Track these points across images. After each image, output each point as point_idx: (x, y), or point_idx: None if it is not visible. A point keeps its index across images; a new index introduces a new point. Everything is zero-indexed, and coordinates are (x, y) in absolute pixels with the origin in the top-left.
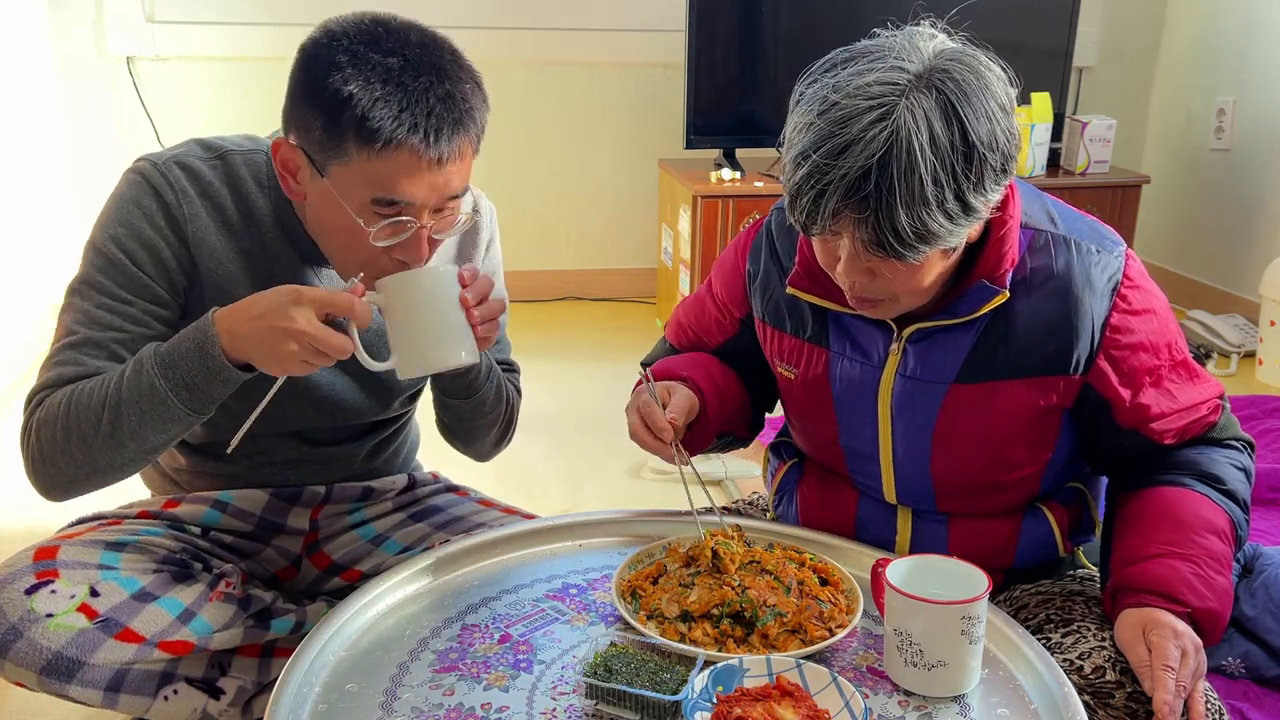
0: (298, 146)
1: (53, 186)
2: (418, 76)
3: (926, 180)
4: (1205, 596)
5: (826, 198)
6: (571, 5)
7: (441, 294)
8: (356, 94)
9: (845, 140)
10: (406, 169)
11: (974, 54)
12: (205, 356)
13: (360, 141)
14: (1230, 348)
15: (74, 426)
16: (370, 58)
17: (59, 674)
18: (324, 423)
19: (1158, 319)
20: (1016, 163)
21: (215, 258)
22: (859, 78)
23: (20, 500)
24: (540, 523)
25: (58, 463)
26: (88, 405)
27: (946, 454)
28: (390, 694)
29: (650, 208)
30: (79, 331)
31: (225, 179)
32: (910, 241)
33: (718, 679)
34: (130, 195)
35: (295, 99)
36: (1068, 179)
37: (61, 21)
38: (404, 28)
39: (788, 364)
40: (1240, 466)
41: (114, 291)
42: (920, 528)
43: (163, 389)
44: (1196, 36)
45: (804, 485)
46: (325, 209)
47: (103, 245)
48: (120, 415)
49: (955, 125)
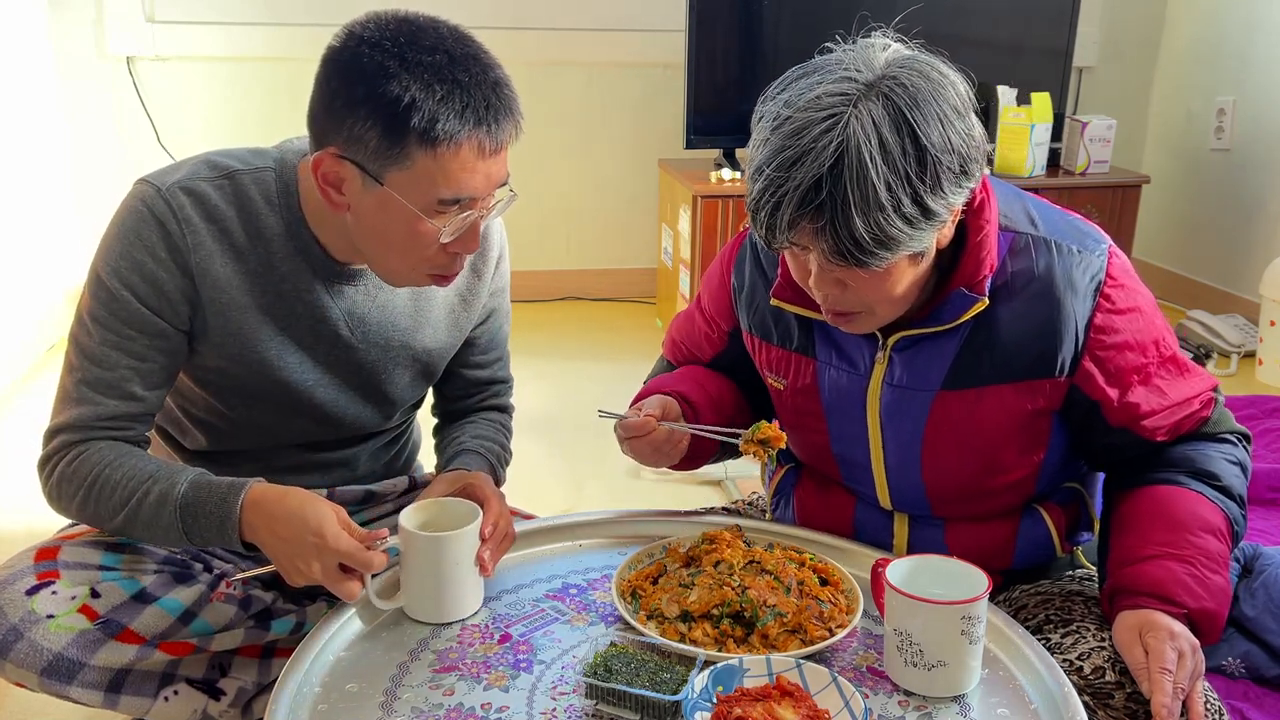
0: (344, 158)
1: (53, 186)
2: (467, 69)
3: (879, 186)
4: (1201, 597)
5: (782, 210)
6: (571, 5)
7: (462, 558)
8: (419, 97)
9: (797, 152)
10: (468, 163)
11: (927, 60)
12: (223, 531)
13: (425, 144)
14: (1230, 348)
15: (92, 504)
16: (419, 59)
17: (60, 675)
18: (326, 435)
19: (1143, 317)
20: (980, 162)
21: (218, 286)
22: (810, 91)
23: (20, 501)
24: (540, 523)
25: (68, 513)
26: (109, 498)
27: (937, 461)
28: (390, 694)
29: (650, 208)
30: (89, 370)
31: (233, 200)
32: (870, 248)
33: (718, 679)
34: (132, 226)
35: (335, 111)
36: (1068, 179)
37: (61, 21)
38: (430, 22)
39: (777, 375)
40: (1235, 461)
41: (119, 329)
42: (917, 532)
43: (177, 530)
44: (1196, 36)
45: (801, 489)
46: (382, 217)
47: (107, 280)
48: (133, 523)
49: (905, 131)
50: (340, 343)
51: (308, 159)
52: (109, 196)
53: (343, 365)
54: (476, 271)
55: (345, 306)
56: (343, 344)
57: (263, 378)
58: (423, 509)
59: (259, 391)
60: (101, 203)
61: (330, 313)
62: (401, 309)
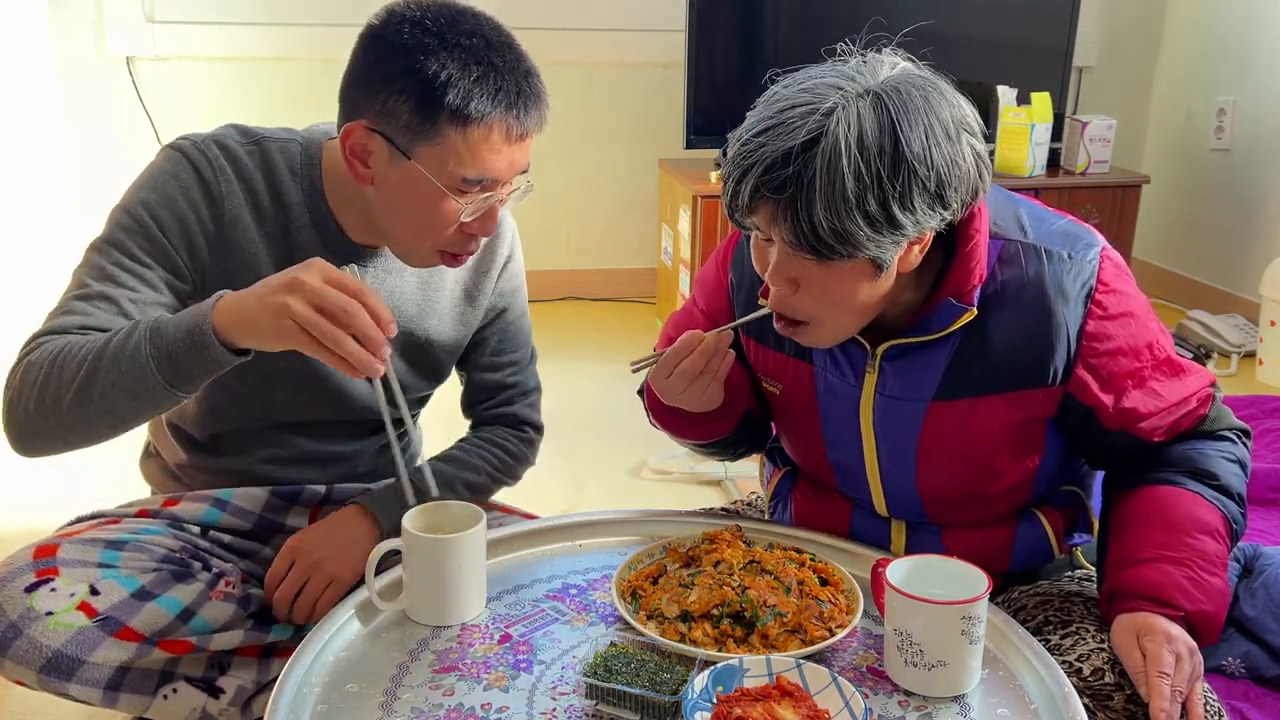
0: (374, 131)
1: (53, 186)
2: (502, 55)
3: (848, 177)
4: (1198, 600)
5: (748, 177)
6: (571, 5)
7: (465, 561)
8: (455, 75)
9: (775, 124)
10: (496, 146)
11: (932, 81)
12: (195, 330)
13: (457, 122)
14: (1230, 348)
15: (54, 374)
16: (459, 40)
17: (58, 672)
18: (331, 415)
19: (1136, 321)
20: (961, 195)
21: (243, 240)
22: (809, 80)
23: (20, 500)
24: (540, 523)
25: (27, 408)
26: (73, 355)
27: (931, 469)
28: (390, 694)
29: (650, 208)
30: (91, 285)
31: (260, 164)
32: (827, 239)
33: (718, 679)
34: (168, 168)
35: (370, 84)
36: (1068, 179)
37: (61, 21)
38: (469, 9)
39: (772, 379)
40: (1235, 459)
41: (134, 253)
42: (914, 538)
43: (145, 353)
44: (1196, 36)
45: (798, 494)
46: (406, 190)
47: (132, 208)
48: (96, 371)
49: (887, 133)
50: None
51: (333, 138)
52: (109, 196)
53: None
54: (482, 269)
55: None
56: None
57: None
58: (426, 511)
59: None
60: (102, 203)
61: None
62: (409, 296)
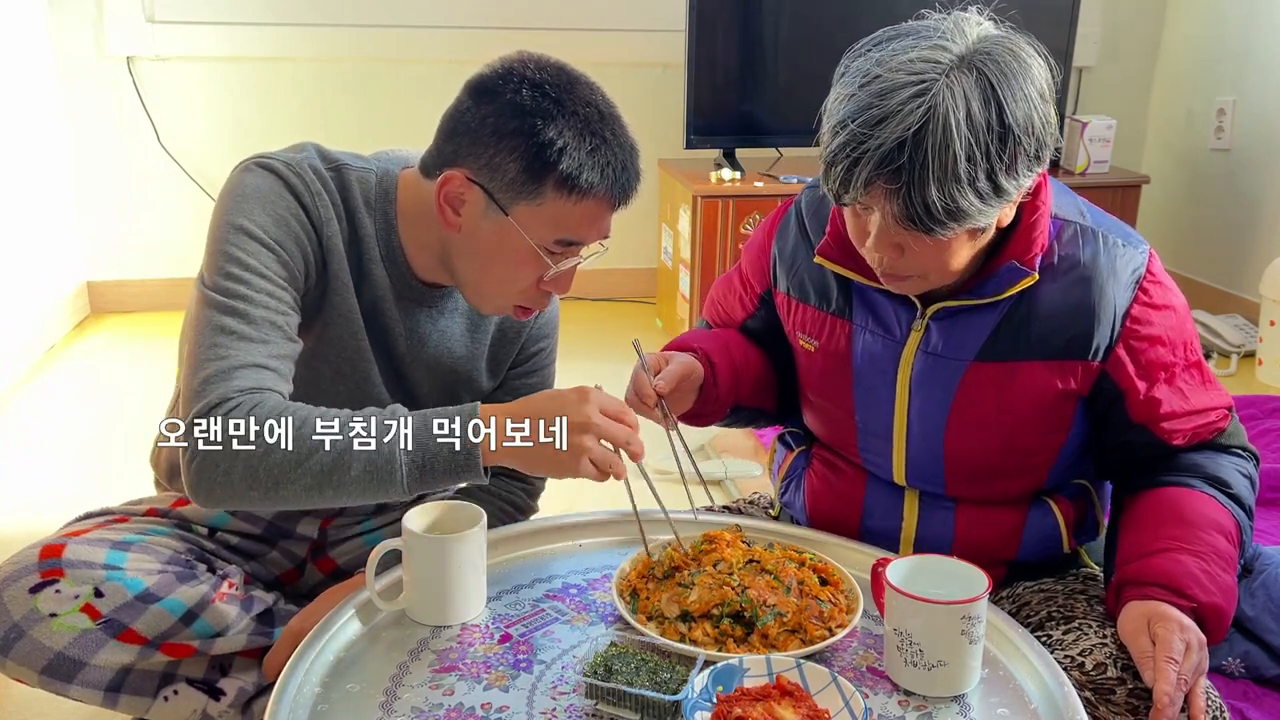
0: (474, 182)
1: (53, 187)
2: (611, 129)
3: (960, 157)
4: (1211, 592)
5: (860, 166)
6: (571, 5)
7: (466, 561)
8: (570, 146)
9: (883, 112)
10: (594, 215)
11: (1018, 40)
12: (465, 455)
13: (564, 189)
14: (1230, 348)
15: (275, 453)
16: (577, 109)
17: (59, 674)
18: None
19: (1176, 316)
20: (1050, 150)
21: (342, 266)
22: (903, 54)
23: (23, 500)
24: (540, 523)
25: (230, 475)
26: (302, 439)
27: (961, 432)
28: (390, 694)
29: (650, 208)
30: (250, 310)
31: (340, 191)
32: (940, 217)
33: (718, 679)
34: (271, 189)
35: (479, 137)
36: (1068, 179)
37: (61, 21)
38: (581, 75)
39: (810, 336)
40: (1246, 474)
41: (274, 276)
42: (927, 514)
43: (399, 460)
44: (1196, 36)
45: (811, 472)
46: (496, 244)
47: (256, 231)
48: (339, 468)
49: (993, 105)
50: (394, 354)
51: (409, 167)
52: (109, 196)
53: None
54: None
55: (410, 323)
56: (396, 356)
57: (340, 361)
58: (427, 511)
59: (334, 375)
60: (102, 203)
61: (396, 325)
62: (459, 338)
